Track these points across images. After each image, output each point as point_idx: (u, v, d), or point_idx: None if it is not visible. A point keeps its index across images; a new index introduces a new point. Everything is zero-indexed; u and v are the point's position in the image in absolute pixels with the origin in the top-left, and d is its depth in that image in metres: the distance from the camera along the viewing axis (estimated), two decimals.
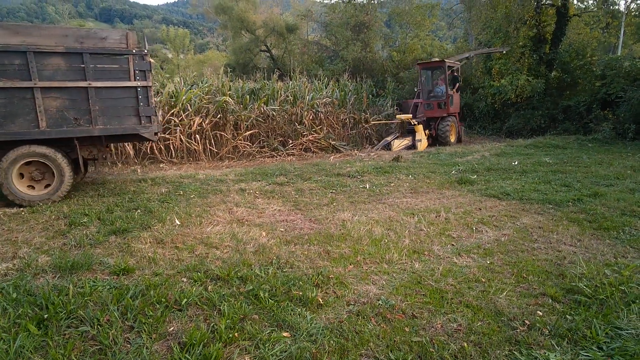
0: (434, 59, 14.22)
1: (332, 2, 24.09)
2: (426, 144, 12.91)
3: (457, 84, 13.82)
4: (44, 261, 3.78)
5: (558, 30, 15.83)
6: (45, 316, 2.74)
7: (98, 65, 5.92)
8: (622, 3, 18.00)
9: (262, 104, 12.33)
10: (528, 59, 16.09)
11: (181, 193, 6.59)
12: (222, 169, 9.48)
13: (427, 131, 13.23)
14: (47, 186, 6.04)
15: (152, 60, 6.38)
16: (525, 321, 2.78)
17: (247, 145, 11.85)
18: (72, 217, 5.12)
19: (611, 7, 17.47)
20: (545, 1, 16.43)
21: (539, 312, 2.90)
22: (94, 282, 3.29)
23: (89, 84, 5.89)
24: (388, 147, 12.70)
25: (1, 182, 5.68)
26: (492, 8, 17.43)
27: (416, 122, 12.93)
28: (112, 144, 8.85)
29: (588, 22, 18.92)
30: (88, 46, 5.84)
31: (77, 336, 2.60)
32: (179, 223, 4.96)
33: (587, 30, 19.01)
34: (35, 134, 5.71)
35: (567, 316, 2.83)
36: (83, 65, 5.83)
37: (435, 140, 13.52)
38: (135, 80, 6.16)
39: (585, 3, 19.21)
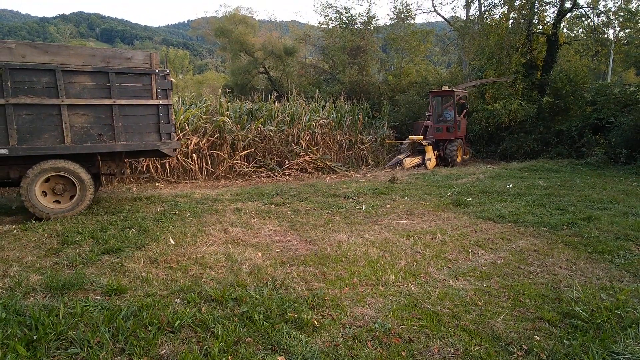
0: (444, 88, 15.06)
1: (329, 27, 24.62)
2: (434, 163, 13.73)
3: (465, 110, 14.84)
4: (35, 280, 3.72)
5: (549, 57, 16.25)
6: (35, 337, 2.68)
7: (123, 84, 6.16)
8: (610, 32, 18.49)
9: (260, 125, 12.43)
10: (520, 84, 16.44)
11: (176, 212, 6.55)
12: (218, 189, 9.46)
13: (435, 152, 14.14)
14: (57, 201, 6.20)
15: (173, 79, 6.67)
16: (523, 346, 2.75)
17: (244, 165, 11.88)
18: (65, 235, 5.07)
19: (600, 36, 17.99)
20: (536, 29, 16.92)
21: (536, 336, 2.88)
22: (85, 302, 3.23)
23: (114, 102, 6.11)
24: (399, 164, 13.59)
25: (24, 195, 5.81)
26: (485, 35, 17.89)
27: (426, 143, 13.97)
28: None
29: (578, 50, 19.44)
30: (114, 65, 6.08)
31: (66, 358, 2.54)
32: (173, 242, 4.92)
33: (577, 57, 19.51)
34: (61, 149, 5.88)
35: (565, 341, 2.81)
36: (109, 84, 6.05)
37: (443, 160, 14.42)
38: (157, 98, 6.41)
39: (575, 32, 19.81)
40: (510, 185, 8.90)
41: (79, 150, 6.03)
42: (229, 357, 2.56)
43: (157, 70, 6.35)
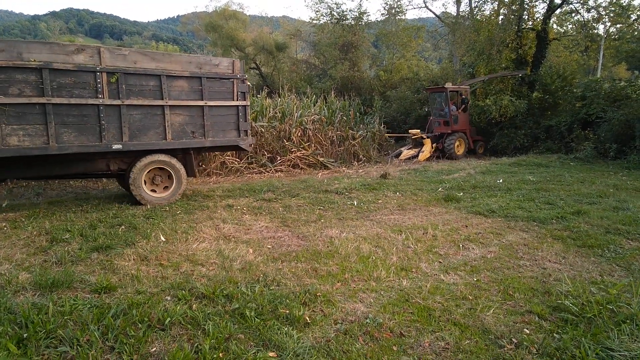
0: (447, 85, 15.49)
1: (320, 22, 24.55)
2: (427, 155, 14.32)
3: (464, 105, 15.32)
4: (25, 278, 3.67)
5: (538, 53, 16.38)
6: (25, 335, 2.64)
7: (211, 88, 6.95)
8: (601, 27, 18.64)
9: (251, 120, 12.34)
10: (510, 80, 16.55)
11: (167, 209, 6.50)
12: (210, 185, 9.40)
13: (434, 145, 14.83)
14: (153, 190, 6.96)
15: (249, 83, 7.46)
16: (513, 339, 2.78)
17: (235, 161, 11.81)
18: (54, 233, 5.00)
19: (590, 32, 18.15)
20: (526, 25, 17.02)
21: (526, 330, 2.90)
22: (75, 300, 3.19)
23: (205, 103, 6.90)
24: (399, 155, 14.45)
25: (133, 184, 6.53)
26: (475, 31, 17.97)
27: (425, 136, 14.68)
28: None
29: (567, 46, 19.61)
30: (205, 71, 6.86)
31: (56, 357, 2.51)
32: (164, 239, 4.87)
33: (566, 53, 19.68)
34: (163, 144, 6.64)
35: (555, 334, 2.83)
36: (201, 87, 6.84)
37: (443, 153, 15.01)
38: (237, 100, 7.24)
39: (565, 27, 19.97)
40: (501, 180, 8.97)
41: (177, 146, 6.79)
42: (220, 354, 2.55)
43: (238, 75, 7.16)
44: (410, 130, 15.13)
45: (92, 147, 6.05)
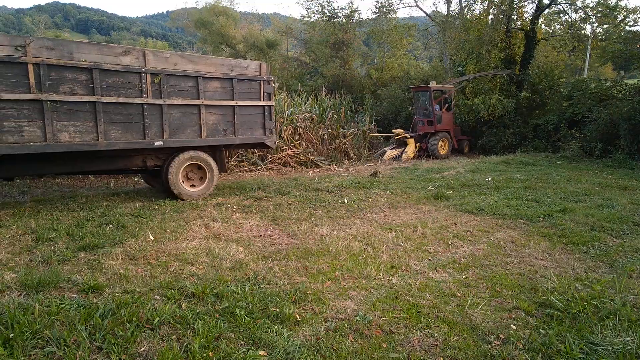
0: (432, 84, 15.37)
1: (312, 20, 24.51)
2: (411, 155, 14.31)
3: (447, 105, 15.29)
4: (10, 278, 3.60)
5: (527, 52, 16.56)
6: (11, 336, 2.60)
7: (241, 88, 7.32)
8: (588, 27, 18.91)
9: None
10: (499, 80, 16.72)
11: (156, 207, 6.44)
12: None
13: (418, 144, 14.82)
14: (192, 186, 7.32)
15: (274, 84, 7.80)
16: (500, 335, 2.82)
17: (226, 159, 11.74)
18: (40, 232, 4.92)
19: (577, 32, 18.40)
20: (515, 25, 17.20)
21: (512, 326, 2.95)
22: (61, 300, 3.14)
23: (236, 103, 7.27)
24: (383, 155, 14.48)
25: (171, 179, 6.84)
26: (465, 31, 18.10)
27: (408, 136, 14.64)
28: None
29: (555, 46, 19.85)
30: (236, 73, 7.24)
31: (43, 357, 2.48)
32: (153, 238, 4.83)
33: (554, 53, 19.92)
34: (198, 142, 7.01)
35: (541, 330, 2.88)
36: (232, 88, 7.21)
37: (427, 152, 14.98)
38: (264, 100, 7.63)
39: (553, 28, 20.22)
40: (489, 179, 9.07)
41: (210, 143, 7.17)
42: (210, 353, 2.54)
43: (264, 77, 7.56)
44: (394, 130, 15.09)
45: (136, 143, 6.37)
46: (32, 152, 5.57)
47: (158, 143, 6.54)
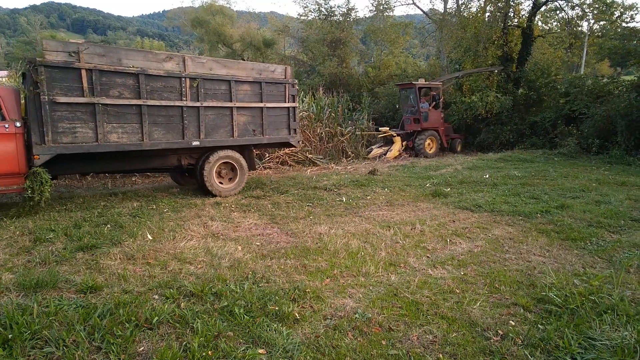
0: (420, 81, 15.24)
1: (309, 18, 24.45)
2: (397, 154, 14.17)
3: (434, 102, 15.01)
4: (8, 279, 3.59)
5: (524, 50, 16.57)
6: (10, 336, 2.59)
7: (268, 91, 7.69)
8: (584, 24, 18.96)
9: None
10: (496, 77, 16.73)
11: (154, 207, 6.43)
12: None
13: (404, 143, 14.61)
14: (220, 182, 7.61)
15: (297, 87, 8.26)
16: (499, 331, 2.83)
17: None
18: (38, 232, 4.91)
19: (574, 29, 18.44)
20: (512, 23, 17.21)
21: (511, 321, 2.96)
22: (60, 300, 3.14)
23: (264, 105, 7.64)
24: (369, 153, 14.42)
25: (206, 176, 7.18)
26: (462, 28, 18.11)
27: (395, 134, 14.43)
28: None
29: (552, 43, 19.89)
30: (264, 76, 7.62)
31: (42, 357, 2.47)
32: (151, 238, 4.82)
33: (551, 50, 19.96)
34: (230, 141, 7.39)
35: (539, 326, 2.89)
36: (260, 91, 7.57)
37: (414, 151, 14.79)
38: (288, 102, 8.02)
39: (549, 25, 20.26)
40: (487, 176, 9.08)
41: (241, 142, 7.54)
42: (209, 352, 2.54)
43: (289, 80, 7.96)
44: (380, 128, 14.98)
45: (176, 143, 6.76)
46: (85, 151, 5.90)
47: (195, 143, 6.91)
